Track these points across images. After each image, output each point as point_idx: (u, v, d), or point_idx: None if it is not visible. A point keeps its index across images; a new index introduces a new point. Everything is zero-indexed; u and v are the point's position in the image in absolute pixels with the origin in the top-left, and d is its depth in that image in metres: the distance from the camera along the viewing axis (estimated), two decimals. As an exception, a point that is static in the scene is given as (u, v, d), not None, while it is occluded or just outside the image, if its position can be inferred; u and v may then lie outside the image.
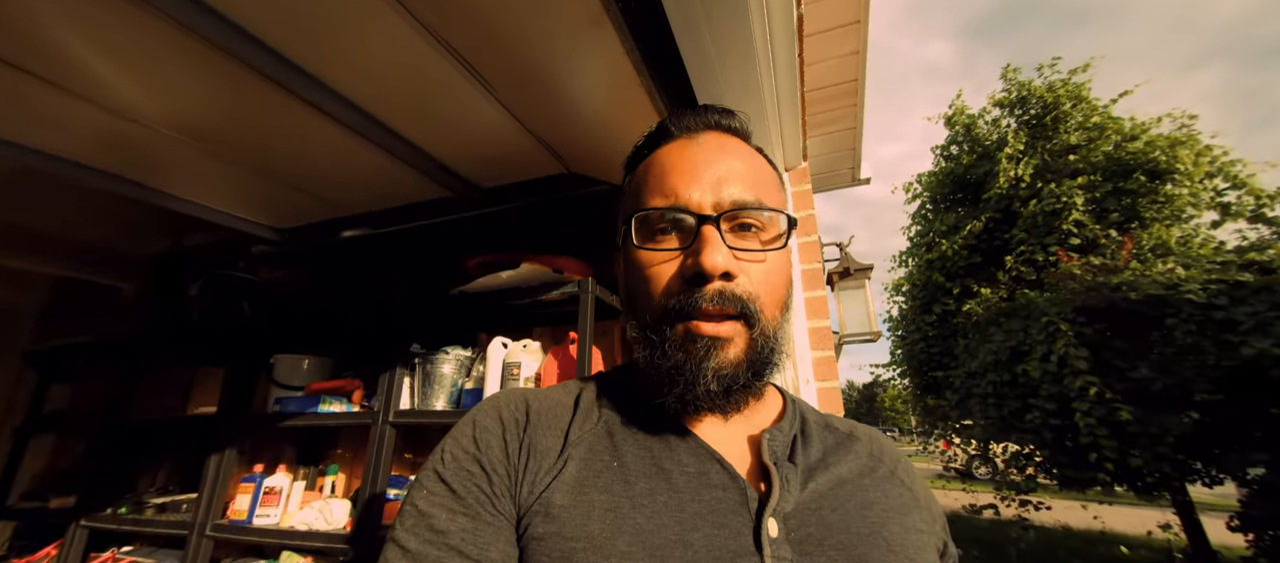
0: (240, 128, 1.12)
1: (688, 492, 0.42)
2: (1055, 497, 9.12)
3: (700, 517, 0.40)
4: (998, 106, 7.14)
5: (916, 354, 7.05)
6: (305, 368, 1.82)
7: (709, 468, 0.44)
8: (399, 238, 1.68)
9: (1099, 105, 6.24)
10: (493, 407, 0.48)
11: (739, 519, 0.41)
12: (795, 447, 0.48)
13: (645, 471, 0.43)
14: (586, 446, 0.45)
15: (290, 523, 1.58)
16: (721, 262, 0.43)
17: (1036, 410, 4.57)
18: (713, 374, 0.43)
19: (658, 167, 0.50)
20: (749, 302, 0.44)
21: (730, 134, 0.53)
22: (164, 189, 1.40)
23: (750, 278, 0.45)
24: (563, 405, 0.49)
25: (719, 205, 0.46)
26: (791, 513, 0.42)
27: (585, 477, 0.42)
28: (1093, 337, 4.30)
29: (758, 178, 0.49)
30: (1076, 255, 5.06)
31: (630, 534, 0.39)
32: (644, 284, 0.47)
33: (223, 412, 1.80)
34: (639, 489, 0.42)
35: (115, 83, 0.96)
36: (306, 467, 1.90)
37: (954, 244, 6.49)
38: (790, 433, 0.50)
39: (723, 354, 0.44)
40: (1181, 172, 5.30)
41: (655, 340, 0.45)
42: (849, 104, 1.87)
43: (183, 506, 1.80)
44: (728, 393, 0.44)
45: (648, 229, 0.47)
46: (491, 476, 0.42)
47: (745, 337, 0.45)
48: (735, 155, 0.49)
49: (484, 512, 0.41)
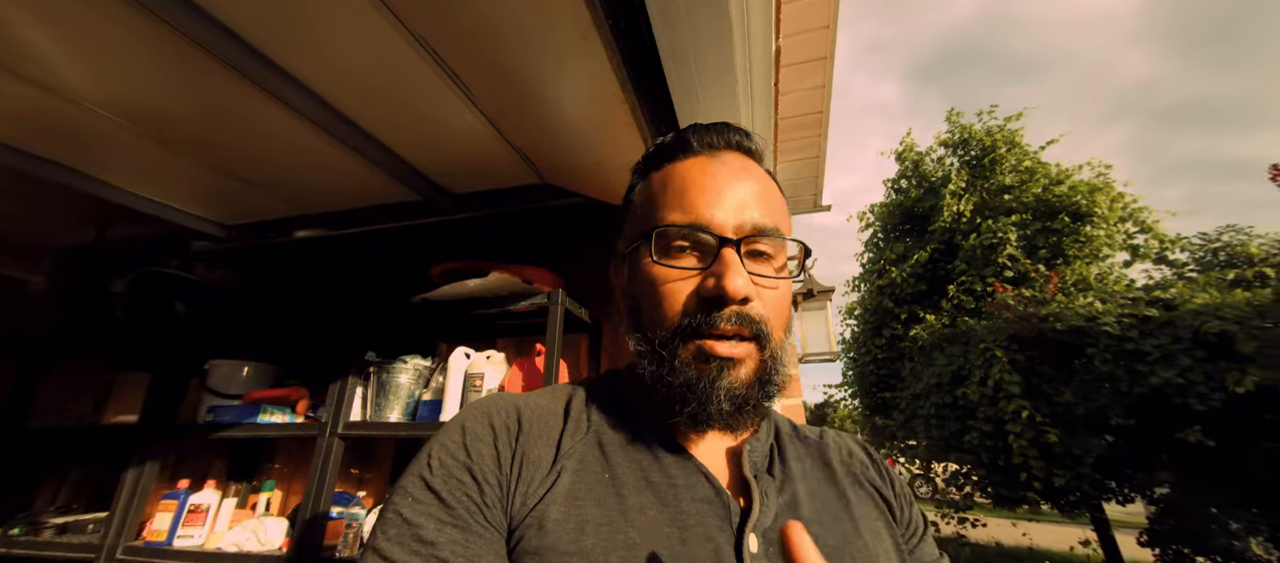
0: (194, 116, 1.04)
1: (675, 506, 0.42)
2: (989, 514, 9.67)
3: (687, 531, 0.41)
4: (943, 146, 7.70)
5: (867, 376, 7.37)
6: (245, 375, 1.69)
7: (695, 481, 0.45)
8: (360, 241, 1.61)
9: (1030, 150, 6.84)
10: (483, 413, 0.47)
11: (722, 535, 0.41)
12: (773, 458, 0.50)
13: (636, 484, 0.43)
14: (578, 457, 0.45)
15: (217, 544, 1.44)
16: (743, 286, 0.43)
17: (974, 432, 4.85)
18: (726, 394, 0.44)
19: (678, 180, 0.49)
20: (762, 324, 0.45)
21: (749, 155, 0.53)
22: (95, 175, 1.28)
23: (764, 303, 0.46)
24: (553, 414, 0.49)
25: (740, 228, 0.46)
26: (770, 528, 0.43)
27: (579, 490, 0.42)
28: (1024, 363, 4.63)
29: (774, 204, 0.50)
30: (1010, 287, 5.46)
31: (623, 549, 0.38)
32: (658, 300, 0.46)
33: (145, 421, 1.64)
34: (631, 503, 0.42)
35: (45, 53, 0.88)
36: (239, 483, 1.75)
37: (903, 272, 6.87)
38: (768, 444, 0.51)
39: (735, 374, 0.44)
40: (1099, 215, 5.86)
41: (665, 357, 0.45)
42: (814, 134, 1.96)
43: (89, 526, 1.62)
44: (738, 411, 0.45)
45: (665, 244, 0.47)
46: (483, 485, 0.41)
47: (757, 358, 0.45)
48: (755, 179, 0.50)
49: (474, 523, 0.39)
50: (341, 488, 1.61)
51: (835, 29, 1.66)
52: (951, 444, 5.34)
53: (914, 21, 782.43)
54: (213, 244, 1.68)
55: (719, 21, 0.73)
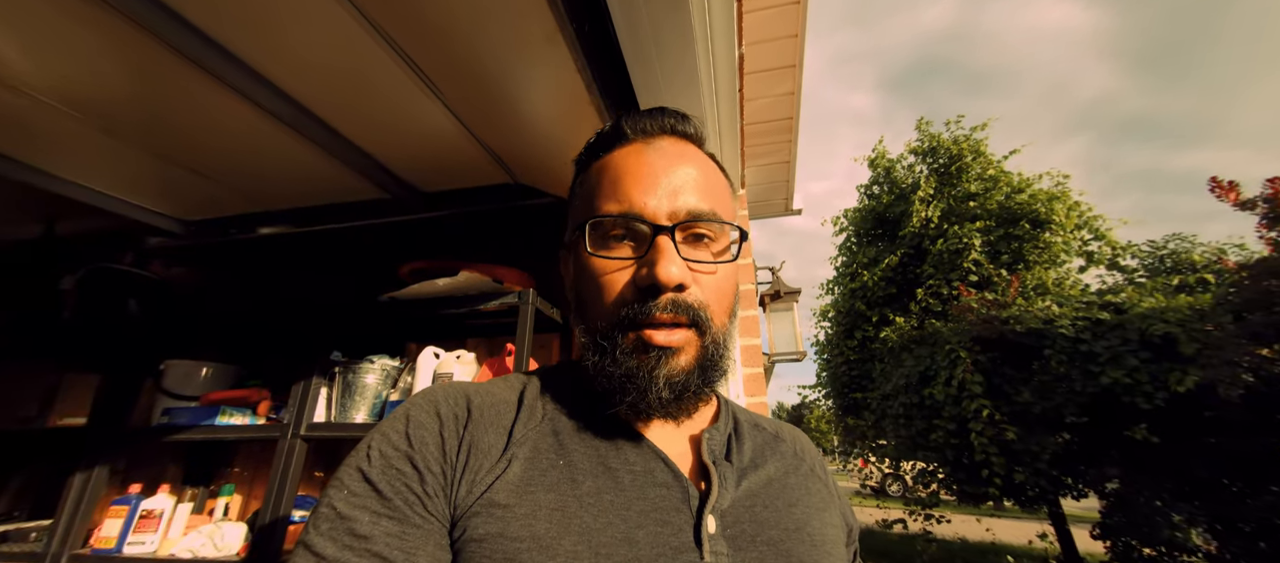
0: (142, 105, 1.01)
1: (634, 490, 0.42)
2: (955, 511, 10.00)
3: (645, 515, 0.41)
4: (913, 153, 7.95)
5: (839, 377, 7.54)
6: (203, 376, 1.64)
7: (654, 467, 0.45)
8: (326, 238, 1.58)
9: (994, 160, 7.12)
10: (429, 401, 0.46)
11: (681, 517, 0.42)
12: (731, 446, 0.51)
13: (592, 469, 0.43)
14: (531, 444, 0.44)
15: (171, 551, 1.39)
16: (676, 274, 0.43)
17: (940, 430, 5.02)
18: (665, 382, 0.44)
19: (612, 170, 0.49)
20: (701, 310, 0.45)
21: (686, 139, 0.52)
22: (38, 166, 1.22)
23: (702, 288, 0.46)
24: (506, 402, 0.48)
25: (675, 215, 0.45)
26: (727, 510, 0.44)
27: (531, 476, 0.41)
28: (986, 364, 4.81)
29: (712, 187, 0.49)
30: (974, 291, 5.67)
31: (577, 533, 0.38)
32: (596, 292, 0.46)
33: (94, 424, 1.57)
34: (585, 488, 0.41)
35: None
36: (195, 487, 1.69)
37: (874, 275, 7.06)
38: (726, 433, 0.52)
39: (674, 362, 0.44)
40: (1057, 222, 6.14)
41: (606, 347, 0.45)
42: (784, 140, 2.01)
43: (31, 534, 1.54)
44: (679, 399, 0.45)
45: (601, 235, 0.47)
46: (424, 474, 0.40)
47: (696, 345, 0.45)
48: (691, 163, 0.49)
49: (413, 514, 0.38)
50: (305, 492, 1.57)
51: (804, 38, 1.71)
52: (919, 443, 5.51)
53: (885, 34, 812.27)
54: (170, 240, 1.62)
55: (681, 27, 0.75)
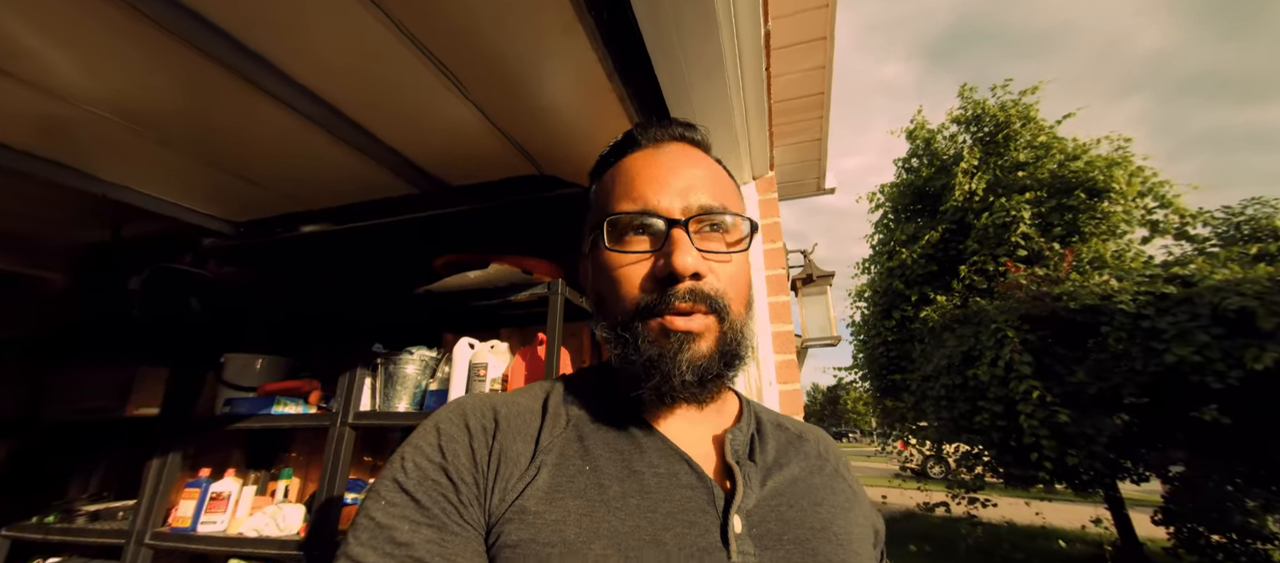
0: (193, 116, 1.07)
1: (659, 493, 0.43)
2: (1001, 494, 9.66)
3: (671, 516, 0.42)
4: (955, 123, 7.52)
5: (877, 358, 7.33)
6: (259, 368, 1.74)
7: (678, 469, 0.46)
8: (363, 235, 1.63)
9: (1046, 125, 6.66)
10: (458, 414, 0.47)
11: (707, 517, 0.43)
12: (754, 446, 0.51)
13: (618, 473, 0.44)
14: (557, 451, 0.45)
15: (238, 530, 1.50)
16: (692, 262, 0.45)
17: (985, 412, 4.83)
18: (687, 365, 0.45)
19: (625, 174, 0.52)
20: (718, 298, 0.47)
21: (693, 146, 0.55)
22: (104, 176, 1.31)
23: (718, 277, 0.48)
24: (531, 411, 0.49)
25: (687, 210, 0.48)
26: (753, 509, 0.45)
27: (559, 482, 0.42)
28: (1036, 343, 4.57)
29: (720, 186, 0.52)
30: (1023, 266, 5.37)
31: (606, 537, 0.39)
32: (616, 285, 0.48)
33: (166, 413, 1.70)
34: (612, 493, 0.42)
35: (50, 60, 0.90)
36: (258, 471, 1.82)
37: (913, 253, 6.78)
38: (748, 433, 0.53)
39: (696, 347, 0.45)
40: (1117, 190, 5.72)
41: (628, 338, 0.46)
42: (815, 116, 1.93)
43: (119, 513, 1.70)
44: (702, 383, 0.46)
45: (618, 233, 0.49)
46: (459, 484, 0.41)
47: (716, 330, 0.47)
48: (699, 165, 0.52)
49: (450, 522, 0.39)
50: (355, 475, 1.66)
51: (835, 8, 1.62)
52: (962, 425, 5.32)
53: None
54: (222, 241, 1.72)
55: (703, 7, 0.72)
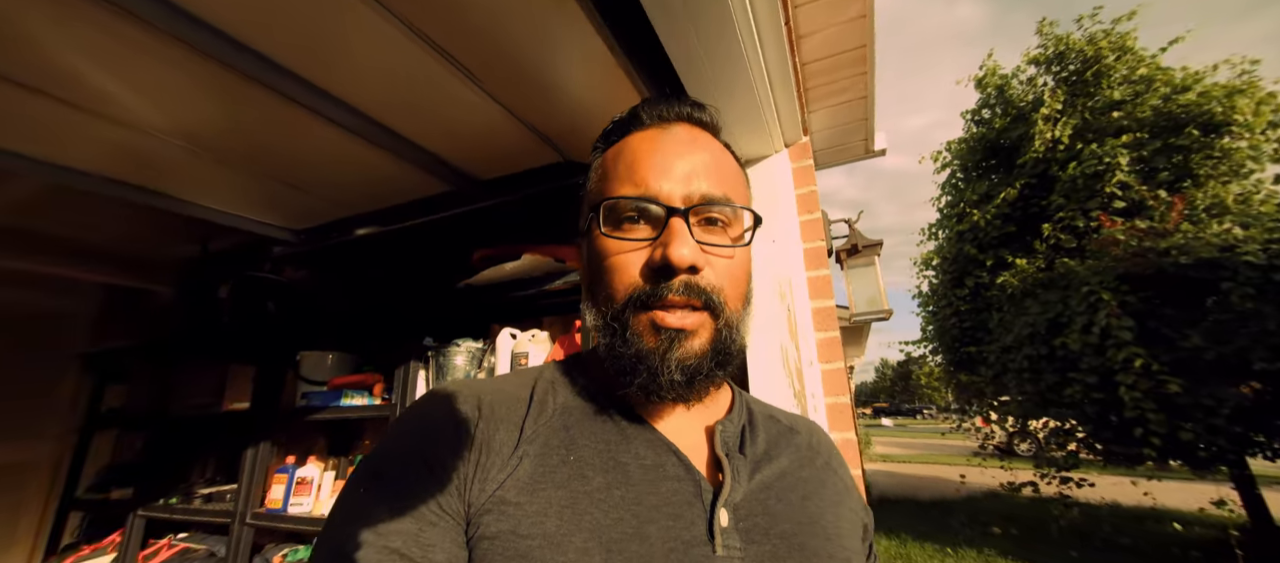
0: (243, 135, 1.16)
1: (644, 485, 0.42)
2: (1102, 473, 8.76)
3: (656, 509, 0.41)
4: (1033, 64, 6.73)
5: (948, 330, 6.82)
6: (329, 363, 1.90)
7: (665, 460, 0.45)
8: (408, 234, 1.72)
9: (1146, 56, 5.80)
10: (440, 401, 0.46)
11: (693, 510, 0.42)
12: (744, 438, 0.50)
13: (602, 464, 0.43)
14: (542, 441, 0.44)
15: (322, 511, 1.66)
16: (689, 255, 0.43)
17: (1077, 384, 4.37)
18: (677, 364, 0.43)
19: (628, 154, 0.49)
20: (714, 294, 0.44)
21: (701, 127, 0.52)
22: (180, 196, 1.47)
23: (716, 271, 0.45)
24: (517, 399, 0.47)
25: (689, 199, 0.45)
26: (740, 503, 0.44)
27: (541, 473, 0.41)
28: (1137, 305, 4.06)
29: (725, 174, 0.49)
30: (1121, 220, 4.75)
31: (588, 530, 0.38)
32: (609, 272, 0.46)
33: (255, 407, 1.90)
34: (595, 484, 0.41)
35: (123, 98, 1.01)
36: (337, 457, 1.99)
37: (987, 214, 6.20)
38: (739, 425, 0.51)
39: (687, 345, 0.43)
40: (1240, 123, 4.89)
41: (617, 329, 0.45)
42: (857, 72, 1.78)
43: (226, 496, 1.92)
44: (691, 383, 0.44)
45: (615, 217, 0.47)
46: (438, 473, 0.40)
47: (710, 328, 0.45)
48: (705, 149, 0.49)
49: (428, 512, 0.38)
50: (417, 460, 1.77)
51: (873, -51, 1.48)
52: (1049, 399, 4.86)
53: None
54: (287, 248, 1.87)
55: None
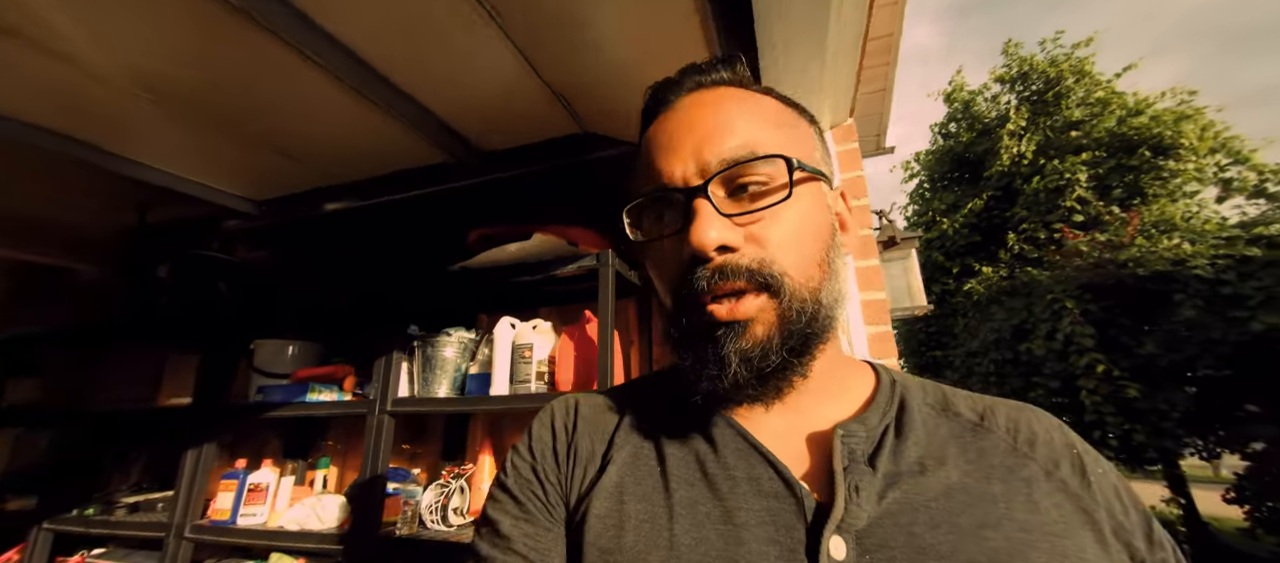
0: (202, 71, 0.94)
1: (733, 499, 0.37)
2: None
3: (747, 529, 0.36)
4: (999, 82, 7.04)
5: (915, 334, 7.05)
6: (290, 354, 1.67)
7: (759, 473, 0.38)
8: (392, 209, 1.52)
9: (1102, 80, 6.17)
10: (548, 413, 0.48)
11: (791, 536, 0.35)
12: (883, 443, 0.38)
13: (688, 477, 0.40)
14: (630, 449, 0.43)
15: (279, 522, 1.43)
16: (715, 236, 0.38)
17: (1040, 388, 4.56)
18: (738, 359, 0.37)
19: (645, 147, 0.45)
20: (763, 269, 0.38)
21: (715, 86, 0.45)
22: (115, 151, 1.21)
23: (761, 242, 0.39)
24: (612, 408, 0.47)
25: (705, 170, 0.39)
26: (866, 530, 0.34)
27: (625, 483, 0.40)
28: (1098, 314, 4.27)
29: (752, 122, 0.41)
30: (1080, 232, 5.01)
31: (665, 548, 0.35)
32: (656, 277, 0.44)
33: (198, 402, 1.63)
34: (678, 498, 0.38)
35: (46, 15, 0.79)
36: (295, 460, 1.75)
37: (954, 223, 6.44)
38: (879, 424, 0.40)
39: (744, 337, 0.38)
40: (1185, 147, 5.26)
41: (676, 335, 0.41)
42: (882, 62, 1.72)
43: (158, 505, 1.65)
44: (762, 378, 0.39)
45: (644, 217, 0.44)
46: (546, 484, 0.43)
47: (772, 309, 0.38)
48: (716, 108, 0.42)
49: (542, 519, 0.41)
50: (396, 464, 1.57)
51: (913, -72, 1.40)
52: (1013, 402, 5.06)
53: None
54: (245, 222, 1.62)
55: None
